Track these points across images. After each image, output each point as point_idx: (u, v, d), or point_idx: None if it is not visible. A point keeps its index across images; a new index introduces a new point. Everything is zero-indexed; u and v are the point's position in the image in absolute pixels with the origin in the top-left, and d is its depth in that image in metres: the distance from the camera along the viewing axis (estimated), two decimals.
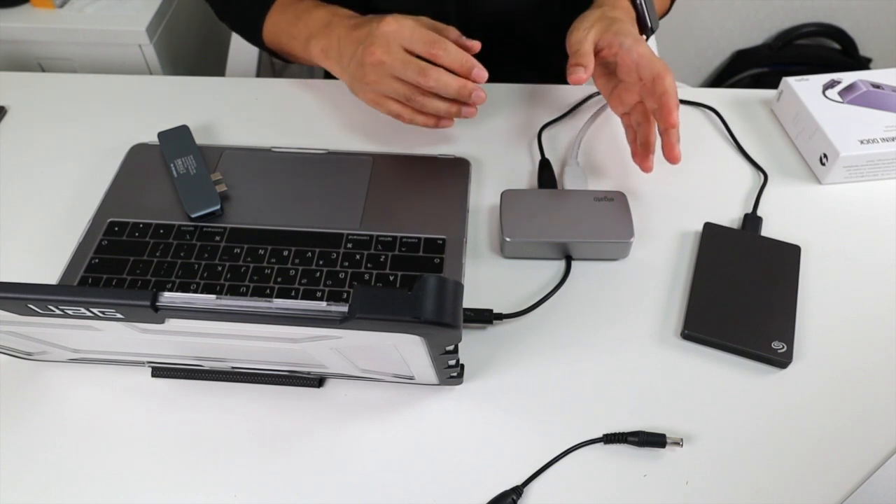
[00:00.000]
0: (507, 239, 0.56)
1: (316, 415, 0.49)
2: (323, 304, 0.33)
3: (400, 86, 0.59)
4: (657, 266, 0.58)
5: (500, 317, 0.53)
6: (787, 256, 0.57)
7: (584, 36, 0.58)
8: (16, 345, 0.46)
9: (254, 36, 0.73)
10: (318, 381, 0.50)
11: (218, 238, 0.58)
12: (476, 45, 0.61)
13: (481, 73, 0.58)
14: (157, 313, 0.34)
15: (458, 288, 0.34)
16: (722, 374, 0.51)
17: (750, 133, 0.70)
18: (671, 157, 0.56)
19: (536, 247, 0.57)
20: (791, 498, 0.45)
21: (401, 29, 0.57)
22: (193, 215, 0.59)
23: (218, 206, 0.59)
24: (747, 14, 1.57)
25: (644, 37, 0.65)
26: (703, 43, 1.63)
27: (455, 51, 0.57)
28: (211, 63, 1.20)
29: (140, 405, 0.49)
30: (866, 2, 1.53)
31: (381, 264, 0.56)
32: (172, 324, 0.36)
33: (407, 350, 0.39)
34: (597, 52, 0.59)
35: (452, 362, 0.43)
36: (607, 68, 0.61)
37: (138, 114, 0.71)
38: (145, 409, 0.49)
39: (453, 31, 0.61)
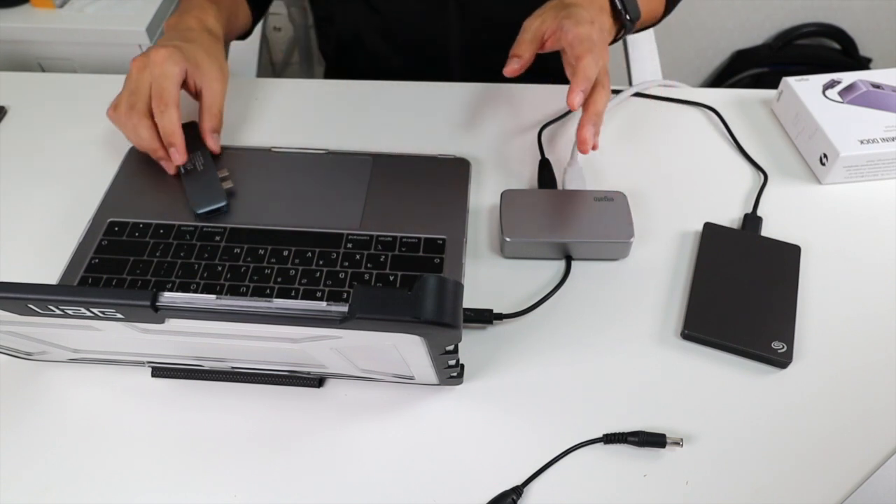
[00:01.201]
0: (507, 239, 0.56)
1: (316, 415, 0.49)
2: (323, 304, 0.33)
3: (124, 103, 0.60)
4: (657, 266, 0.58)
5: (500, 317, 0.53)
6: (787, 256, 0.57)
7: (529, 25, 0.58)
8: (16, 345, 0.46)
9: None
10: (318, 381, 0.50)
11: (218, 238, 0.58)
12: (215, 150, 0.63)
13: (177, 156, 0.59)
14: (157, 313, 0.34)
15: (458, 288, 0.34)
16: (722, 374, 0.51)
17: (750, 133, 0.70)
18: (580, 141, 0.55)
19: (536, 247, 0.57)
20: (791, 498, 0.45)
21: (160, 66, 0.59)
22: (200, 211, 0.59)
23: (224, 203, 0.60)
24: (747, 14, 1.57)
25: (623, 30, 0.63)
26: (703, 43, 1.63)
27: (169, 122, 0.58)
28: None
29: (140, 405, 0.49)
30: (866, 2, 1.53)
31: (381, 264, 0.56)
32: (172, 324, 0.36)
33: (407, 350, 0.39)
34: (544, 42, 0.58)
35: (452, 362, 0.43)
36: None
37: None
38: (145, 409, 0.49)
39: (211, 121, 0.63)
